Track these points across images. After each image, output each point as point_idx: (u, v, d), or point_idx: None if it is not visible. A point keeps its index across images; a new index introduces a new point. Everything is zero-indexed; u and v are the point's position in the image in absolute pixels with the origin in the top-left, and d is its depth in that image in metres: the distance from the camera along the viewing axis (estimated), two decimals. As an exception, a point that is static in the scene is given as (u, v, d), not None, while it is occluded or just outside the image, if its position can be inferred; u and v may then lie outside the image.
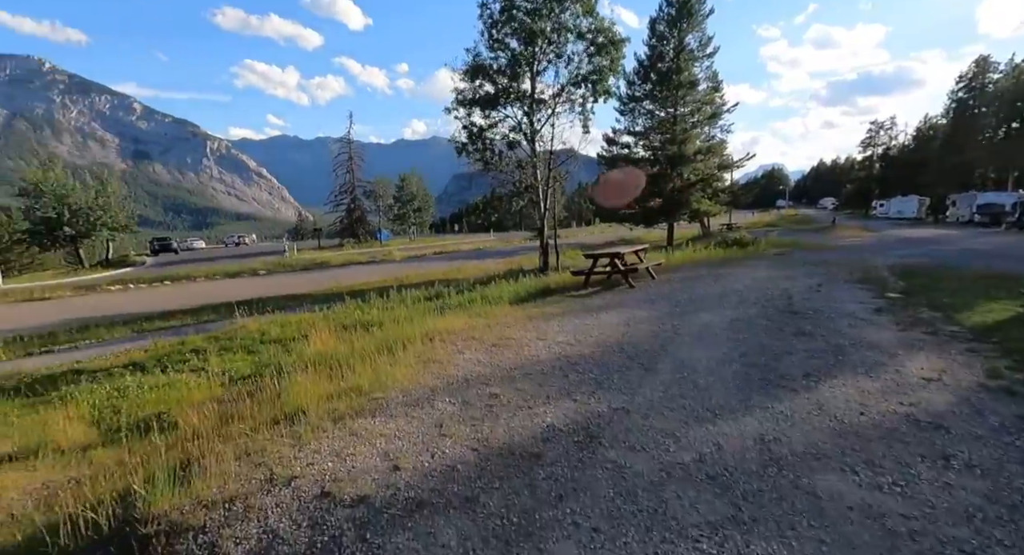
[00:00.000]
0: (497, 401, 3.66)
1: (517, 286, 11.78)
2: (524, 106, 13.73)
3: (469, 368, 4.60)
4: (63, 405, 6.69)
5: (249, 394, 6.28)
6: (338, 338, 9.38)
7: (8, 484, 4.76)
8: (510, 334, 5.91)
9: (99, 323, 12.26)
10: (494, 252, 31.38)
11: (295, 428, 3.36)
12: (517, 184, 14.29)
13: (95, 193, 35.18)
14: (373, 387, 4.13)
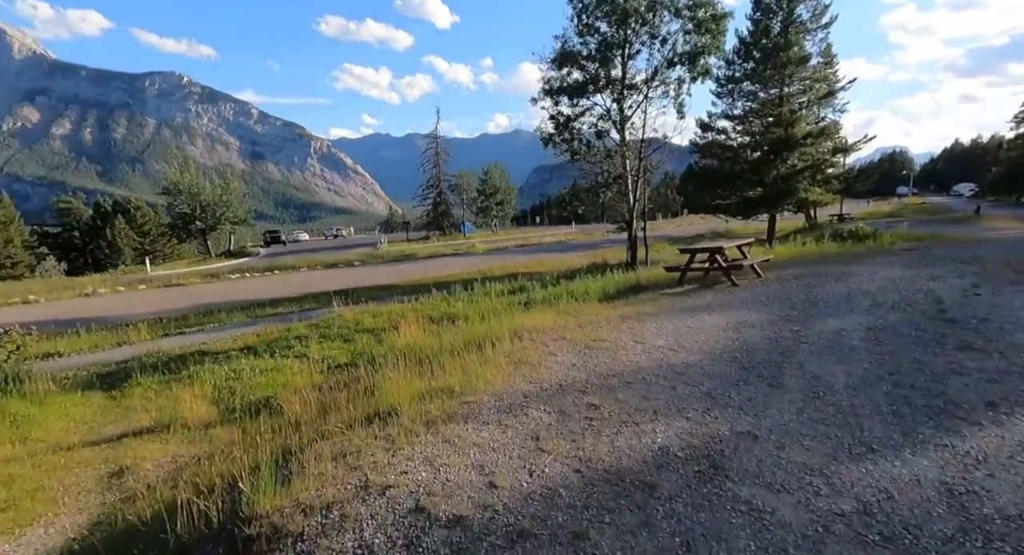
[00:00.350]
0: (597, 413, 3.32)
1: (604, 282, 11.26)
2: (614, 93, 13.05)
3: (563, 372, 4.30)
4: (190, 384, 7.43)
5: (345, 385, 6.52)
6: (425, 331, 9.56)
7: (146, 455, 5.32)
8: (603, 335, 5.52)
9: (221, 308, 13.62)
10: (576, 245, 30.74)
11: (388, 430, 3.29)
12: (605, 175, 13.66)
13: (220, 191, 39.66)
14: (464, 388, 3.98)
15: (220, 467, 4.16)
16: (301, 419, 5.37)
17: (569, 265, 20.03)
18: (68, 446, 5.56)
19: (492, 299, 12.55)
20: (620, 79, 12.97)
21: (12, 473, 4.90)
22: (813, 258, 11.97)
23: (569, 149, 13.48)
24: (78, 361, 9.21)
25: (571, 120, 13.43)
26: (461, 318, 10.47)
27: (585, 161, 13.72)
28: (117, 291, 19.66)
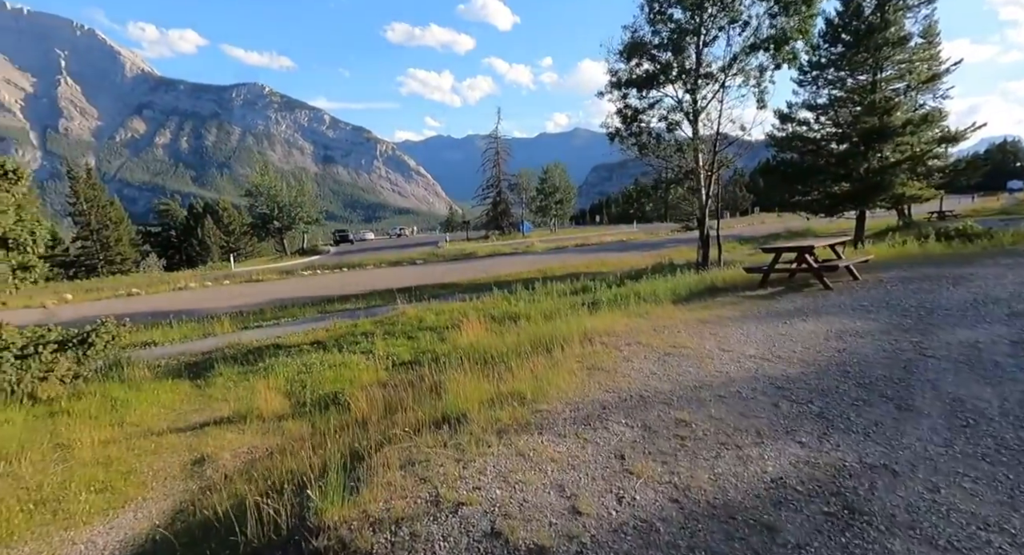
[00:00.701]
0: (689, 432, 2.93)
1: (675, 282, 10.62)
2: (687, 83, 12.30)
3: (642, 381, 3.92)
4: (265, 376, 7.74)
5: (410, 384, 6.48)
6: (488, 330, 9.42)
7: (225, 444, 5.52)
8: (683, 341, 5.05)
9: (294, 304, 14.28)
10: (638, 244, 29.68)
11: (458, 437, 3.08)
12: (676, 170, 12.92)
13: (295, 193, 42.16)
14: (536, 395, 3.71)
15: (290, 463, 4.17)
16: (368, 417, 5.36)
17: (632, 265, 19.29)
18: (158, 431, 5.90)
19: (554, 299, 12.25)
20: (694, 68, 12.20)
21: (110, 455, 5.23)
22: (918, 259, 10.64)
23: (637, 144, 12.87)
24: (170, 350, 9.92)
25: (639, 113, 12.82)
26: (523, 318, 10.25)
27: (654, 156, 13.05)
28: (205, 286, 21.29)
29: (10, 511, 4.05)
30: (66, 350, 3.68)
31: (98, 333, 3.78)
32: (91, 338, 3.73)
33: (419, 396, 5.35)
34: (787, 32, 10.98)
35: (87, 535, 3.65)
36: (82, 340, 3.70)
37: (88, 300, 18.51)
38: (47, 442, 5.56)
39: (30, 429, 6.05)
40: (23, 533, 3.77)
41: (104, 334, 3.82)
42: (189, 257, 49.66)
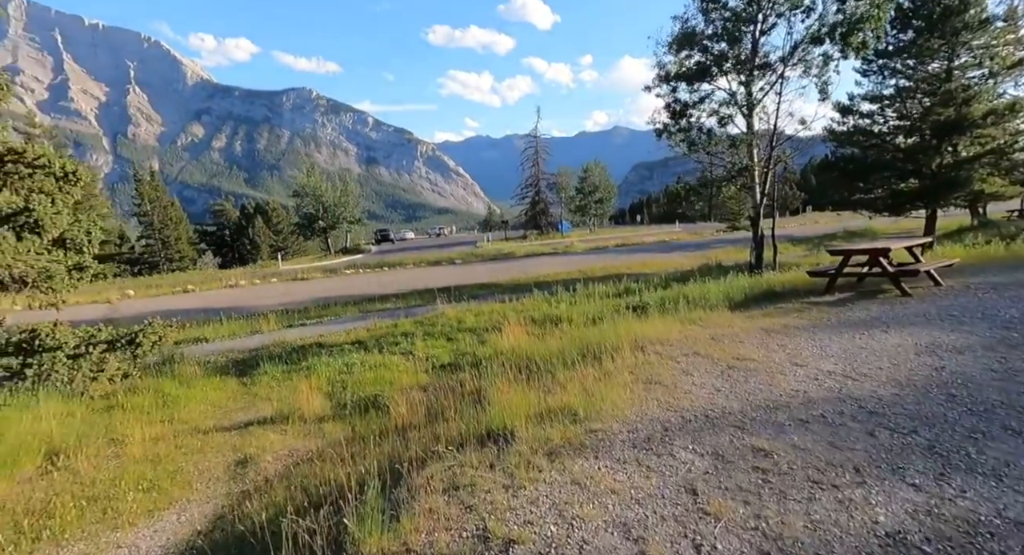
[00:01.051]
0: (770, 464, 2.55)
1: (727, 286, 10.01)
2: (742, 75, 11.59)
3: (706, 399, 3.54)
4: (307, 376, 7.78)
5: (450, 389, 6.31)
6: (529, 334, 9.15)
7: (267, 446, 5.51)
8: (747, 353, 4.60)
9: (336, 302, 14.49)
10: (682, 245, 28.64)
11: (505, 459, 2.82)
12: (728, 167, 12.22)
13: (339, 193, 43.32)
14: (588, 411, 3.40)
15: (329, 471, 4.04)
16: (407, 424, 5.21)
17: (676, 266, 18.55)
18: (205, 430, 5.96)
19: (596, 301, 11.85)
20: (749, 59, 11.48)
21: (159, 453, 5.30)
22: (1008, 263, 9.58)
23: (686, 140, 12.26)
24: (219, 347, 10.19)
25: (689, 108, 12.20)
26: (565, 321, 9.93)
27: (704, 153, 12.40)
28: (253, 283, 22.08)
29: (64, 507, 4.11)
30: (115, 350, 3.67)
31: (145, 334, 3.75)
32: (139, 338, 3.71)
33: (460, 404, 5.14)
34: (857, 20, 10.10)
35: (132, 538, 3.62)
36: (130, 340, 3.68)
37: (148, 296, 19.54)
38: (102, 437, 5.71)
39: (88, 423, 6.25)
40: (74, 531, 3.80)
41: (151, 335, 3.80)
42: (241, 255, 52.02)
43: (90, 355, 3.53)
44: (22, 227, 3.49)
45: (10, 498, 4.42)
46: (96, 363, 3.66)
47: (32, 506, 4.22)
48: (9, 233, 3.26)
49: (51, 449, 5.37)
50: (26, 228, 3.45)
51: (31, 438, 5.58)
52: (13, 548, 3.60)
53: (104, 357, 3.67)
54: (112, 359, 3.78)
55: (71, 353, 3.45)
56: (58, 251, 4.29)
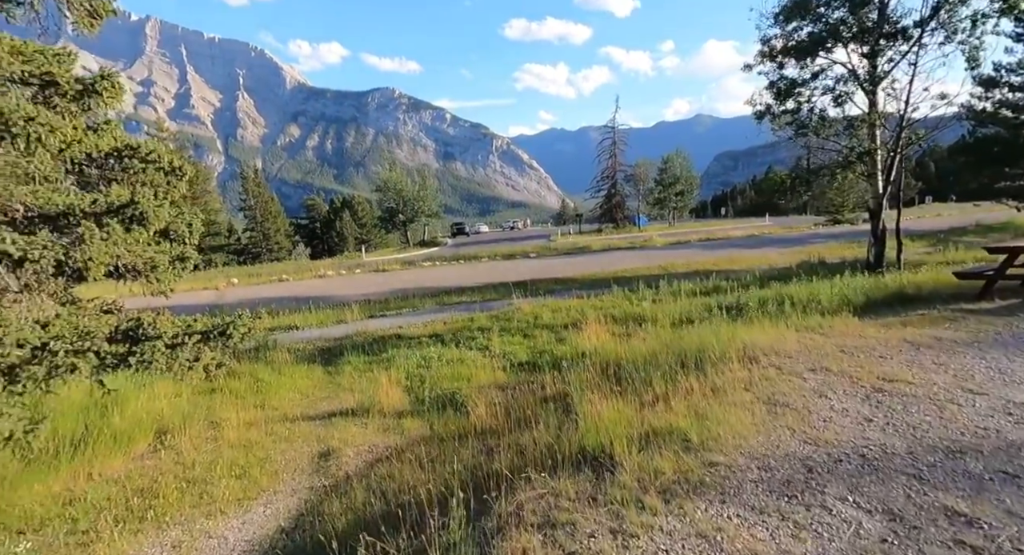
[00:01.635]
0: (982, 540, 1.90)
1: (842, 287, 8.78)
2: (865, 44, 10.06)
3: (855, 431, 2.87)
4: (387, 368, 7.84)
5: (531, 391, 5.99)
6: (612, 334, 8.60)
7: (348, 439, 5.52)
8: (897, 372, 3.78)
9: (415, 294, 14.76)
10: (774, 239, 26.25)
11: (607, 490, 2.41)
12: (844, 152, 10.70)
13: (418, 188, 44.79)
14: (702, 437, 2.88)
15: (408, 474, 3.86)
16: (487, 427, 4.95)
17: (770, 263, 16.90)
18: (292, 418, 6.13)
19: (683, 300, 10.99)
20: (875, 26, 9.91)
21: (251, 438, 5.48)
22: None
23: (793, 122, 10.90)
24: (308, 335, 10.68)
25: (797, 86, 10.82)
26: (649, 320, 9.24)
27: (815, 136, 10.96)
28: (340, 274, 23.31)
29: (167, 488, 4.30)
30: (209, 340, 3.70)
31: (235, 326, 3.77)
32: (229, 330, 3.74)
33: (544, 410, 4.78)
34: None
35: (222, 528, 3.65)
36: (221, 332, 3.71)
37: (249, 285, 21.28)
38: (203, 419, 6.04)
39: (193, 404, 6.69)
40: (173, 514, 3.93)
41: (240, 327, 3.81)
42: (329, 247, 55.67)
43: (186, 345, 3.56)
44: (129, 219, 3.56)
45: (125, 474, 4.73)
46: (192, 353, 3.69)
47: (141, 484, 4.46)
48: (118, 225, 3.33)
49: (160, 428, 5.75)
50: (132, 220, 3.52)
51: (145, 416, 6.03)
52: (122, 527, 3.77)
53: (199, 347, 3.71)
54: (207, 350, 3.82)
55: (169, 343, 3.52)
56: (164, 242, 4.41)
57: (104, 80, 3.99)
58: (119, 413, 5.90)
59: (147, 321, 3.70)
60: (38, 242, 3.14)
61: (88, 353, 3.47)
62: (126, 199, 3.58)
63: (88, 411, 5.92)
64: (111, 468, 4.85)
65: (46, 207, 3.65)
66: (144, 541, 3.51)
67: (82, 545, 3.56)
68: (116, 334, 3.68)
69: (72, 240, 3.38)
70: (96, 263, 3.52)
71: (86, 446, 5.11)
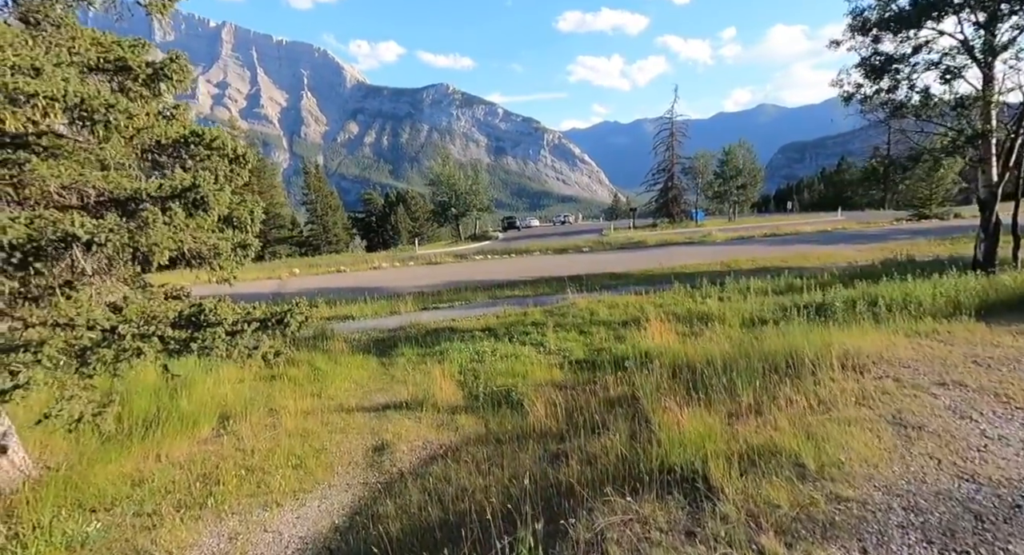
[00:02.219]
0: None
1: (947, 287, 7.74)
2: (983, 10, 8.77)
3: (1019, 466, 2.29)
4: (440, 361, 7.70)
5: (592, 392, 5.60)
6: (675, 333, 8.03)
7: (402, 433, 5.37)
8: (1054, 393, 3.09)
9: (467, 287, 14.65)
10: (850, 235, 24.17)
11: (709, 525, 2.01)
12: (950, 135, 9.42)
13: (471, 182, 45.01)
14: (818, 462, 2.41)
15: (464, 479, 3.60)
16: (545, 428, 4.62)
17: (847, 260, 15.49)
18: (348, 408, 6.08)
19: (753, 298, 10.18)
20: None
21: (308, 428, 5.46)
22: None
23: (889, 103, 9.72)
24: (363, 325, 10.78)
25: (895, 62, 9.64)
26: (716, 320, 8.58)
27: (916, 118, 9.73)
28: (394, 266, 23.75)
29: (227, 475, 4.29)
30: (267, 328, 3.60)
31: (292, 314, 3.66)
32: (286, 319, 3.63)
33: (609, 411, 4.39)
34: None
35: (277, 522, 3.55)
36: (279, 320, 3.60)
37: (309, 275, 22.08)
38: (263, 406, 6.11)
39: (254, 390, 6.81)
40: (232, 503, 3.89)
41: (297, 315, 3.69)
42: (384, 240, 57.30)
43: (245, 332, 3.46)
44: (192, 204, 3.48)
45: (189, 458, 4.79)
46: (251, 340, 3.60)
47: (203, 470, 4.49)
48: (180, 209, 3.24)
49: (224, 412, 5.86)
50: (194, 205, 3.44)
51: (210, 400, 6.17)
52: (184, 513, 3.76)
53: (258, 335, 3.61)
54: (265, 338, 3.72)
55: (229, 329, 3.44)
56: (228, 230, 4.36)
57: (172, 63, 3.96)
58: (187, 396, 6.07)
59: (208, 307, 3.64)
60: (105, 225, 3.10)
61: (153, 338, 3.43)
62: (188, 183, 3.50)
63: (159, 393, 6.13)
64: (177, 451, 4.94)
65: (116, 192, 3.65)
66: (203, 530, 3.46)
67: (146, 528, 3.57)
68: (180, 319, 3.64)
69: (138, 224, 3.33)
70: (161, 248, 3.48)
71: (156, 427, 5.26)
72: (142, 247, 3.36)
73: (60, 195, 3.67)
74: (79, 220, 3.02)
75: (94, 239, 3.02)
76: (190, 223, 3.67)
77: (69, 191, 3.75)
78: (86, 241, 3.01)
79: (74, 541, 3.41)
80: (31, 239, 2.98)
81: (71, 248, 3.04)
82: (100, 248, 3.07)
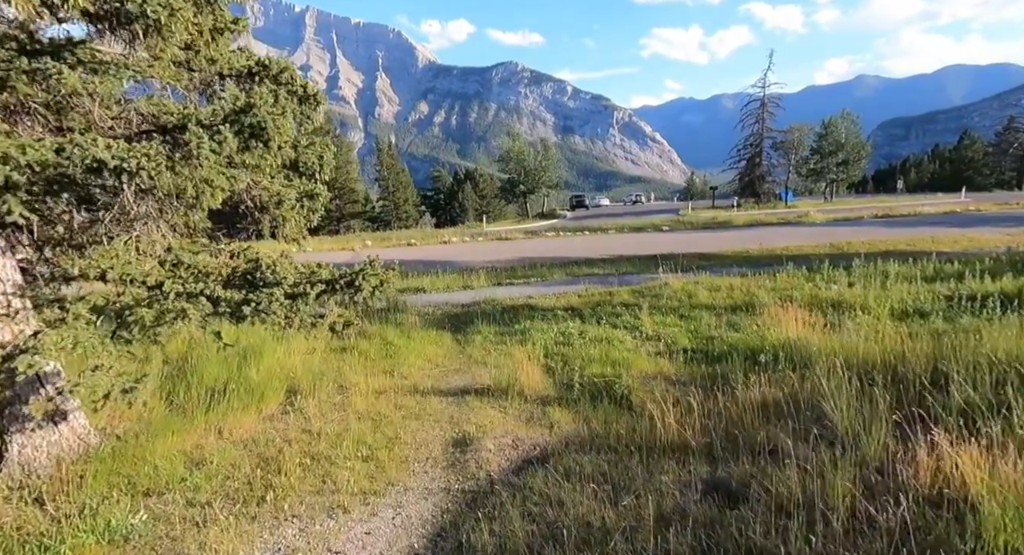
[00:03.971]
0: None
1: None
2: None
3: None
4: (521, 341, 6.82)
5: (720, 389, 4.45)
6: (804, 323, 6.61)
7: (486, 425, 4.52)
8: None
9: (541, 264, 13.71)
10: (988, 218, 20.54)
11: None
12: None
13: (540, 158, 43.71)
14: None
15: (585, 503, 2.65)
16: (679, 442, 3.55)
17: (990, 245, 12.76)
18: (423, 390, 5.37)
19: (893, 285, 8.44)
20: None
21: (380, 411, 4.79)
22: None
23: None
24: (435, 299, 10.19)
25: None
26: (855, 309, 7.01)
27: None
28: (464, 241, 23.29)
29: (290, 463, 3.68)
30: (335, 292, 2.82)
31: (365, 275, 2.86)
32: (358, 281, 2.87)
33: (770, 424, 3.27)
34: None
35: (343, 538, 2.84)
36: (349, 283, 2.83)
37: (381, 247, 22.14)
38: (333, 381, 5.55)
39: (325, 362, 6.31)
40: (293, 500, 3.25)
41: (372, 276, 2.94)
42: (451, 217, 57.61)
43: (308, 296, 2.70)
44: (247, 132, 2.68)
45: (252, 437, 4.27)
46: (316, 306, 2.83)
47: (266, 452, 3.92)
48: (231, 135, 2.45)
49: (292, 386, 5.35)
50: (250, 133, 2.64)
51: (279, 370, 5.70)
52: (241, 506, 3.17)
53: (323, 300, 2.83)
54: (333, 305, 2.95)
55: (289, 291, 2.70)
56: (294, 177, 3.60)
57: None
58: (256, 366, 5.64)
59: (266, 264, 2.90)
60: (140, 150, 2.39)
61: (200, 297, 2.73)
62: (242, 103, 2.71)
63: (229, 361, 5.76)
64: (241, 427, 4.44)
65: (162, 117, 2.96)
66: (256, 539, 2.81)
67: (195, 525, 2.99)
68: (234, 277, 2.90)
69: (183, 154, 2.61)
70: (213, 187, 2.76)
71: (223, 398, 4.81)
72: (187, 185, 2.65)
73: (106, 123, 3.06)
74: (104, 142, 2.30)
75: (123, 166, 2.30)
76: (246, 158, 2.90)
77: (118, 121, 3.14)
78: (114, 167, 2.29)
79: (117, 534, 2.88)
80: (57, 165, 2.34)
81: (100, 176, 2.35)
82: (133, 179, 2.35)
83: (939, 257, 10.22)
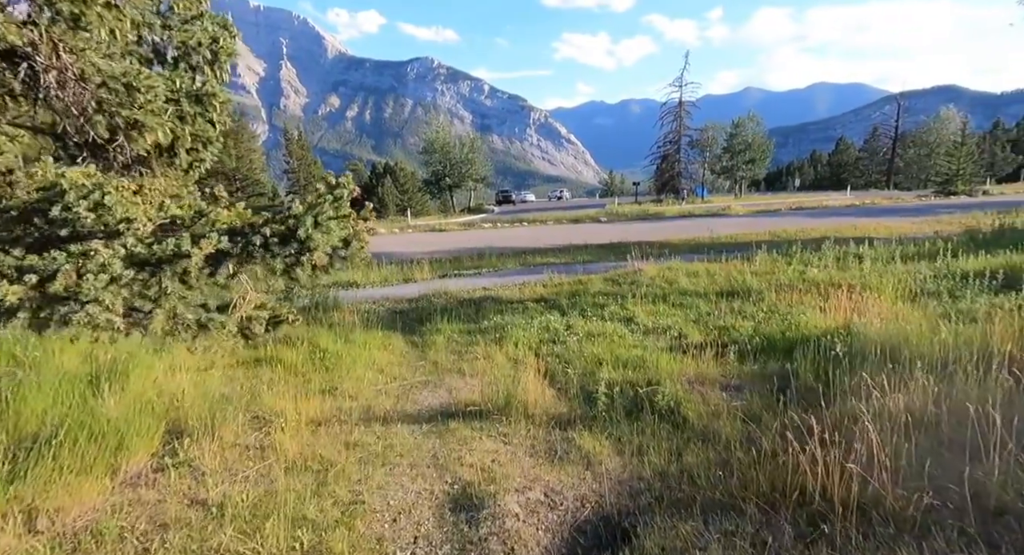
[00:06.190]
0: None
1: None
2: None
3: None
4: (498, 342, 5.37)
5: (782, 393, 3.33)
6: (818, 308, 5.83)
7: (491, 468, 2.94)
8: None
9: (490, 253, 12.28)
10: (887, 210, 22.58)
11: None
12: None
13: (466, 150, 42.05)
14: None
15: None
16: (819, 491, 2.34)
17: (911, 232, 13.33)
18: (382, 416, 3.73)
19: (879, 265, 8.18)
20: None
21: (323, 455, 3.11)
22: None
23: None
24: (373, 293, 8.41)
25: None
26: (872, 290, 6.34)
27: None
28: (393, 232, 21.15)
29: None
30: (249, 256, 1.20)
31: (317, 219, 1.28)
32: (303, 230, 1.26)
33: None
34: None
35: None
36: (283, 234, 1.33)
37: (296, 240, 19.34)
38: (244, 410, 3.73)
39: (229, 382, 4.42)
40: None
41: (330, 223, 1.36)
42: (371, 212, 54.04)
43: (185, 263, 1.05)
44: None
45: (99, 520, 2.42)
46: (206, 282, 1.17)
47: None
48: None
49: (175, 423, 3.47)
50: None
51: (155, 399, 3.78)
52: None
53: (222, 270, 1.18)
54: (244, 282, 1.30)
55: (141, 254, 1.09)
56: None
57: None
58: (115, 393, 3.68)
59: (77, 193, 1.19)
60: None
61: None
62: None
63: (73, 385, 3.73)
64: (78, 504, 2.57)
65: None
66: None
67: None
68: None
69: None
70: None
71: (50, 451, 2.87)
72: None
73: None
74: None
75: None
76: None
77: None
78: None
79: None
80: None
81: None
82: None
83: (879, 242, 10.27)
